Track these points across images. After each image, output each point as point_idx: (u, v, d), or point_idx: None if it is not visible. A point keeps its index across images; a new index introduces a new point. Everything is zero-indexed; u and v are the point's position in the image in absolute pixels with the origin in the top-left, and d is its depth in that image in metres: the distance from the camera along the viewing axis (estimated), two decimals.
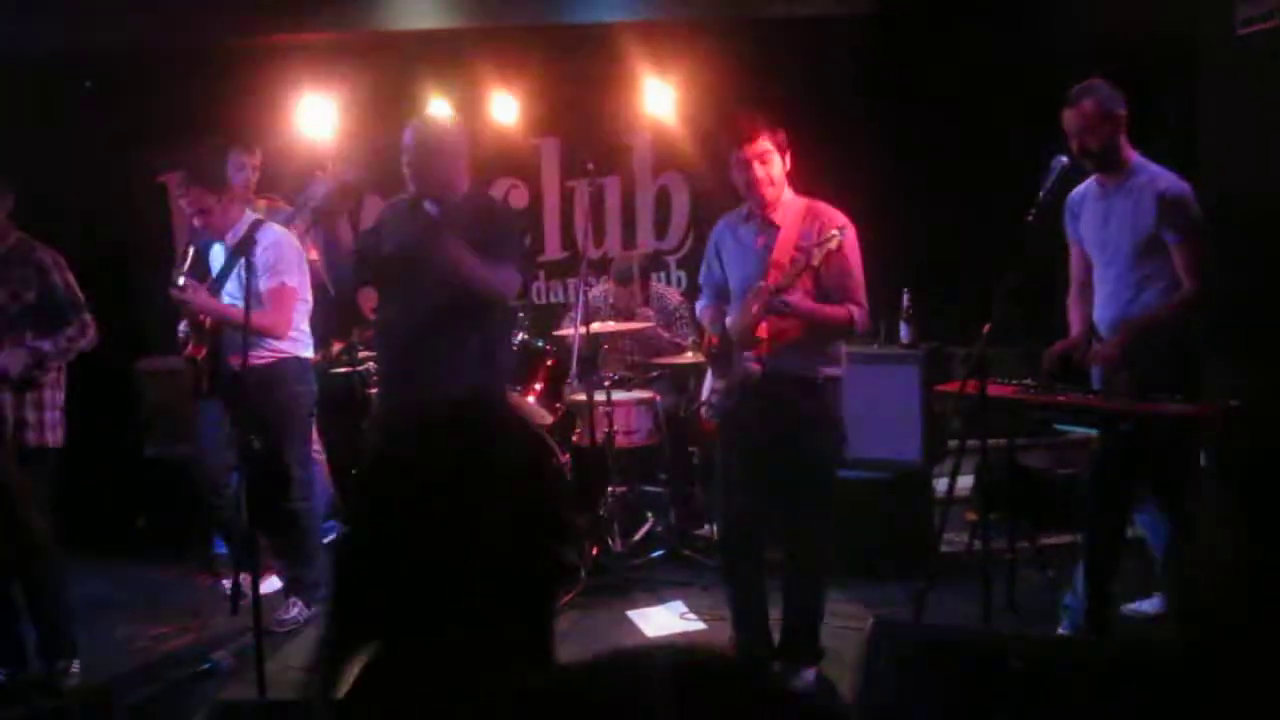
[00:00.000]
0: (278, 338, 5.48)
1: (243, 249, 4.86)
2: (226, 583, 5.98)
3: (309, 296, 5.71)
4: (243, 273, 4.86)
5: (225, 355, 5.46)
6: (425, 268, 4.83)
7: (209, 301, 5.45)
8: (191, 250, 5.65)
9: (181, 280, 5.44)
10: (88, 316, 5.14)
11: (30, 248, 5.10)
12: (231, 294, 5.46)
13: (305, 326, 5.68)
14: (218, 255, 5.64)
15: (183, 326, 5.67)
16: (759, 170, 4.59)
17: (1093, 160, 4.76)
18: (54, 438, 5.11)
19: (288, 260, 5.51)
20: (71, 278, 5.15)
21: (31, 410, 5.03)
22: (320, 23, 7.41)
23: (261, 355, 5.41)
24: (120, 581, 6.41)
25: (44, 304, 5.04)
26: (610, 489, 6.44)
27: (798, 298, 4.52)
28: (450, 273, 4.77)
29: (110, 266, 7.16)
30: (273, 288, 5.42)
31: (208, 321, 5.51)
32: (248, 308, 4.61)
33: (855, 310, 4.62)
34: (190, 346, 5.59)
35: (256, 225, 5.32)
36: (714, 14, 7.72)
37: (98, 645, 5.37)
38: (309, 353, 5.74)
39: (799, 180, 4.79)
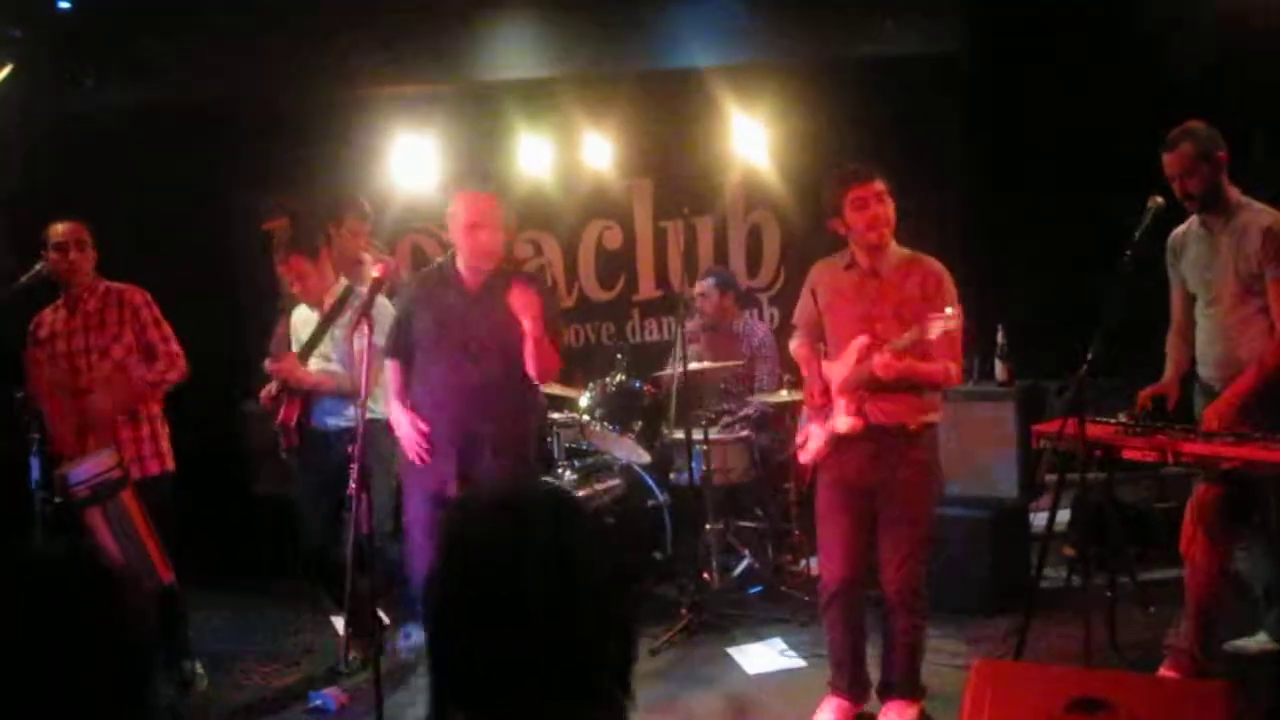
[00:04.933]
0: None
1: (335, 315, 5.45)
2: (337, 620, 6.09)
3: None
4: (336, 335, 5.49)
5: (314, 416, 5.71)
6: (466, 337, 4.92)
7: (305, 375, 5.66)
8: (282, 319, 5.94)
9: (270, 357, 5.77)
10: (176, 348, 5.53)
11: (119, 292, 5.52)
12: (326, 356, 5.71)
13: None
14: (307, 318, 5.84)
15: (271, 388, 5.82)
16: (878, 209, 4.60)
17: (1194, 203, 4.74)
18: (162, 464, 5.53)
19: (383, 327, 5.67)
20: (158, 313, 5.55)
21: (148, 443, 5.48)
22: (418, 75, 7.60)
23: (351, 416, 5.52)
24: (231, 617, 6.61)
25: (140, 341, 5.47)
26: (707, 526, 6.51)
27: (890, 364, 4.47)
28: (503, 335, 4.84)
29: (217, 310, 7.41)
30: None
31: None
32: (369, 366, 4.62)
33: (951, 366, 4.61)
34: (284, 410, 5.75)
35: (349, 291, 5.68)
36: (802, 56, 7.77)
37: (209, 680, 5.60)
38: None
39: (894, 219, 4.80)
